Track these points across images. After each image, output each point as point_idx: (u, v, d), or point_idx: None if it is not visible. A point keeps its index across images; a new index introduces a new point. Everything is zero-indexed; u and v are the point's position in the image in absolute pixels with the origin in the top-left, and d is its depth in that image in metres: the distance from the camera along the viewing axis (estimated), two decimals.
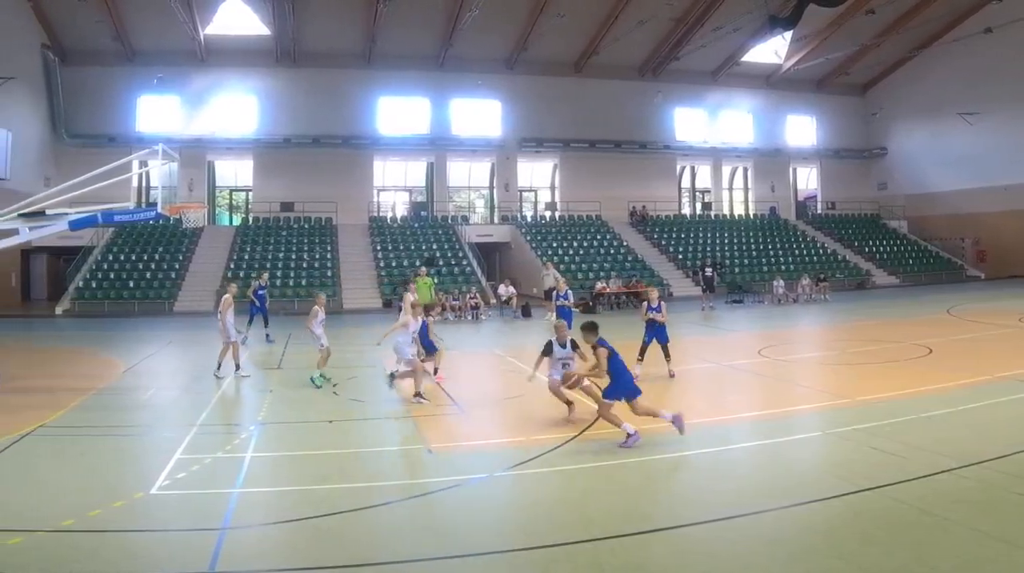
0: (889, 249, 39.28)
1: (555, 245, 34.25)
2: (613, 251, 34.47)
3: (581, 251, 34.15)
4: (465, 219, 38.02)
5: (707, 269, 27.70)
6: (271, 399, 11.02)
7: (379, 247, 33.06)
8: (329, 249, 32.64)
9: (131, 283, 28.76)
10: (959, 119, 37.30)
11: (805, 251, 37.33)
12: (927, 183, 40.90)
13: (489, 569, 5.07)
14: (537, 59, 36.82)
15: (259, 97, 35.97)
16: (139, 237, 31.89)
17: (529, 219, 38.95)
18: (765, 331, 19.58)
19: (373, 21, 32.52)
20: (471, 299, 25.28)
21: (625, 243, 35.55)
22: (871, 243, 39.44)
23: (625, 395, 7.93)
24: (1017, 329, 16.75)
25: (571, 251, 33.99)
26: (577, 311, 19.29)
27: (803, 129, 43.80)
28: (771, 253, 36.44)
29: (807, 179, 45.92)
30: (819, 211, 44.03)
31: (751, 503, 6.00)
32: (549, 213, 40.01)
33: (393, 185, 39.83)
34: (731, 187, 44.52)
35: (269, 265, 29.25)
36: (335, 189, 35.28)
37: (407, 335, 10.88)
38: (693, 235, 37.56)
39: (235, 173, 38.25)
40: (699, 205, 43.63)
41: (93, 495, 6.40)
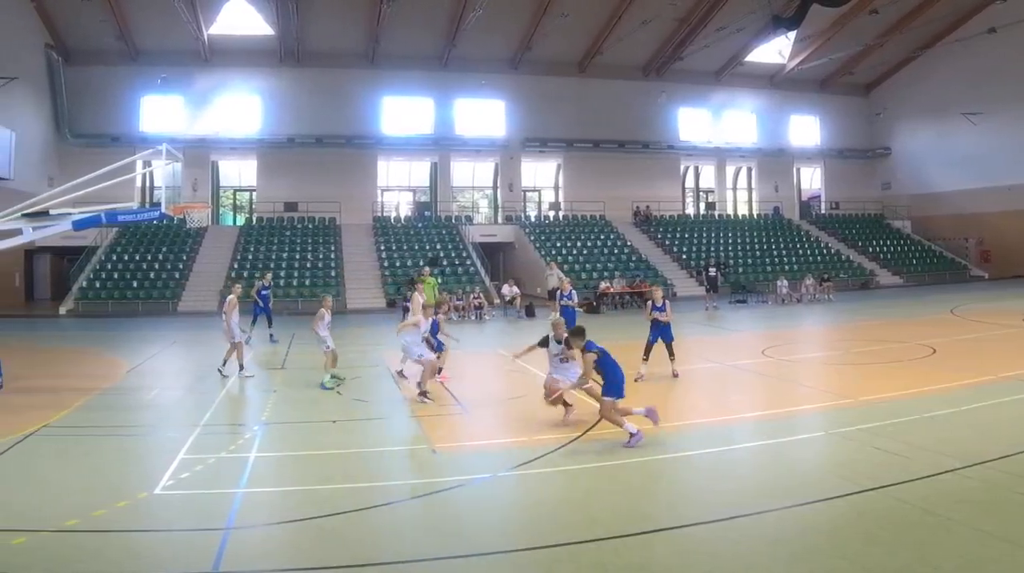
0: (893, 249, 39.21)
1: (559, 245, 34.24)
2: (617, 251, 34.44)
3: (585, 251, 34.14)
4: (469, 219, 38.05)
5: (711, 269, 27.70)
6: (275, 399, 11.02)
7: (383, 247, 33.07)
8: (333, 249, 32.65)
9: (135, 283, 28.83)
10: (963, 119, 37.22)
11: (809, 251, 37.27)
12: (931, 183, 40.82)
13: (493, 569, 5.08)
14: (541, 59, 36.81)
15: (263, 97, 36.02)
16: (143, 237, 31.95)
17: (533, 219, 38.93)
18: (769, 331, 19.56)
19: (377, 21, 32.54)
20: (475, 299, 25.25)
21: (629, 243, 35.52)
22: (875, 243, 39.36)
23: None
24: (1021, 329, 16.70)
25: (575, 251, 33.98)
26: (581, 311, 19.24)
27: (807, 129, 43.72)
28: (775, 253, 36.40)
29: (811, 179, 45.82)
30: (823, 211, 43.97)
31: (754, 503, 5.99)
32: (553, 213, 39.98)
33: (397, 185, 39.84)
34: (735, 187, 44.46)
35: (273, 265, 29.36)
36: (339, 189, 35.32)
37: (416, 335, 10.88)
38: (697, 235, 37.52)
39: (239, 173, 38.30)
40: (703, 205, 43.56)
41: (97, 495, 6.41)
